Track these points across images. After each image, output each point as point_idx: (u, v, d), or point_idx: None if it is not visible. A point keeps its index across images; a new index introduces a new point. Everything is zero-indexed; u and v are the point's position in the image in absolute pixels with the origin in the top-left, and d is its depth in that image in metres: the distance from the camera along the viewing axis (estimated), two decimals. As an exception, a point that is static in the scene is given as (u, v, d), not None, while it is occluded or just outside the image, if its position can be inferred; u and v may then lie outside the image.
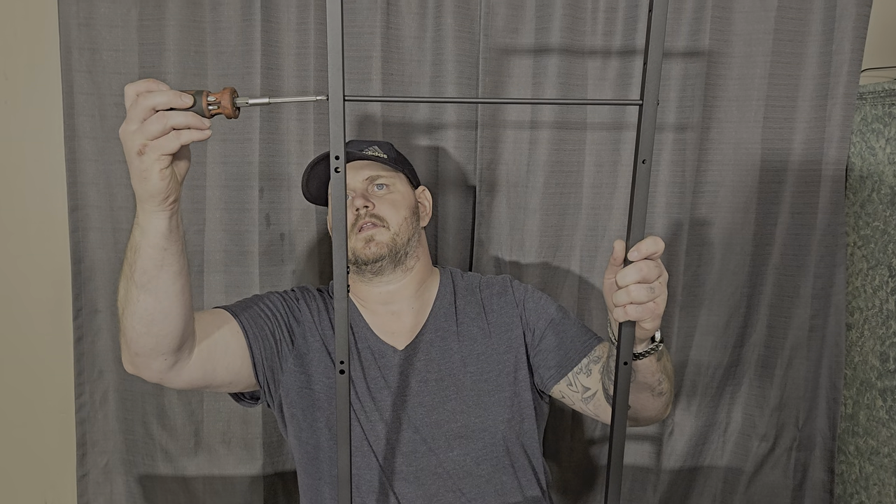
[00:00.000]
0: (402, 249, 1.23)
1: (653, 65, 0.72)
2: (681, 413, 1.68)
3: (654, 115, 0.73)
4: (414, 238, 1.26)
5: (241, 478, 1.60)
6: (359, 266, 1.23)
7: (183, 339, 1.01)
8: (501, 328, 1.25)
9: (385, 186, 1.26)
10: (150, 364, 1.01)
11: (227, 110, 0.82)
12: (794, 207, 1.60)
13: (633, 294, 0.82)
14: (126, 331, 0.98)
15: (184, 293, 0.97)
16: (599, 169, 1.58)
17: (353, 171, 1.26)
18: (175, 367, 1.03)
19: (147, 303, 0.94)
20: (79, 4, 1.46)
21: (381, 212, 1.22)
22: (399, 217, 1.23)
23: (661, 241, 0.82)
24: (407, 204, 1.27)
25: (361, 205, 1.21)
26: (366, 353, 1.22)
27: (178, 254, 0.93)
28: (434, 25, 1.51)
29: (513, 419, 1.20)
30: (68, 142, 1.50)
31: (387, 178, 1.27)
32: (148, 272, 0.92)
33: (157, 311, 0.95)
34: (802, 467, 1.68)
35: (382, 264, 1.22)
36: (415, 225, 1.27)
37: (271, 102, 0.81)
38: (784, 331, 1.64)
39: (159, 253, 0.91)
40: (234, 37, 1.48)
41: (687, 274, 1.61)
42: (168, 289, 0.94)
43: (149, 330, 0.97)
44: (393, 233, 1.22)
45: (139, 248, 0.91)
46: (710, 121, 1.57)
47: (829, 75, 1.56)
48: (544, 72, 1.52)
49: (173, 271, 0.94)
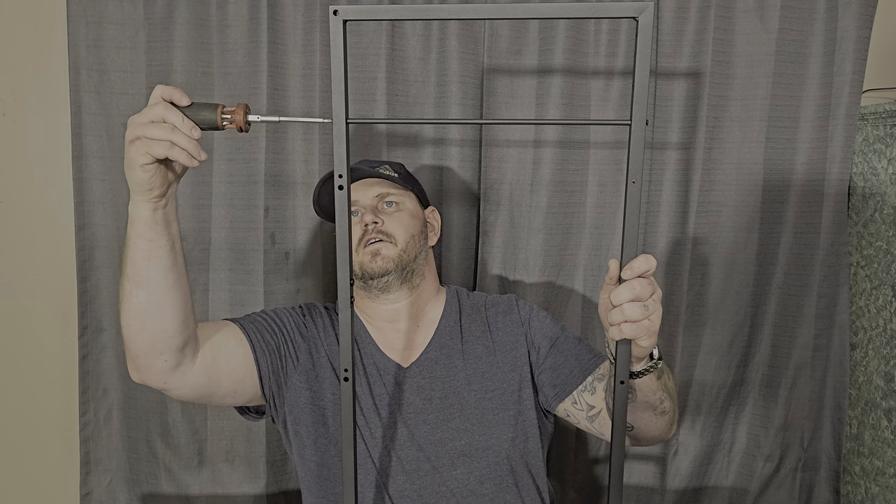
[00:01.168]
0: (408, 266, 1.24)
1: (640, 85, 0.74)
2: (685, 433, 1.67)
3: (643, 135, 0.75)
4: (421, 256, 1.27)
5: (244, 497, 1.60)
6: (365, 281, 1.23)
7: (183, 338, 1.02)
8: (506, 347, 1.25)
9: (394, 204, 1.27)
10: (153, 365, 1.02)
11: (240, 123, 0.87)
12: (796, 227, 1.61)
13: (628, 312, 0.84)
14: (124, 330, 1.00)
15: (177, 289, 0.99)
16: (602, 189, 1.59)
17: (363, 188, 1.28)
18: (178, 369, 1.04)
19: (139, 296, 0.97)
20: (88, 26, 1.48)
21: (389, 228, 1.24)
22: (407, 234, 1.24)
23: (654, 258, 0.84)
24: (415, 222, 1.28)
25: (370, 220, 1.23)
26: (371, 370, 1.22)
27: (167, 248, 0.96)
28: (438, 47, 1.53)
29: (517, 438, 1.20)
30: (76, 161, 1.51)
31: (396, 196, 1.28)
32: (137, 264, 0.95)
33: (149, 305, 0.97)
34: (808, 488, 1.67)
35: (389, 280, 1.22)
36: (422, 243, 1.28)
37: (281, 121, 0.87)
38: (788, 350, 1.64)
39: (146, 244, 0.94)
40: (240, 58, 1.50)
41: (690, 293, 1.61)
42: (160, 282, 0.97)
43: (144, 325, 0.98)
44: (400, 249, 1.23)
45: (129, 240, 0.96)
46: (712, 141, 1.58)
47: (830, 96, 1.57)
48: (547, 92, 1.54)
49: (163, 265, 0.96)
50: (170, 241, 0.96)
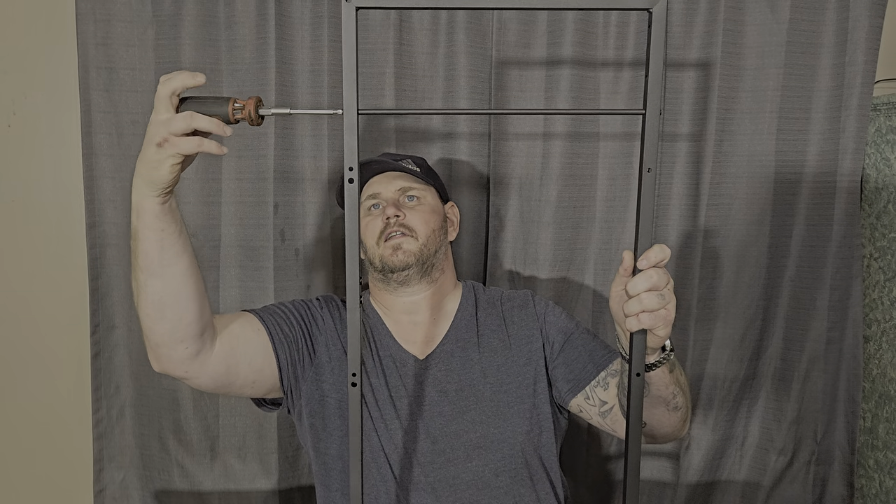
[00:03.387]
0: (428, 261, 1.25)
1: (654, 75, 0.75)
2: (697, 427, 1.66)
3: (656, 124, 0.75)
4: (441, 251, 1.28)
5: (257, 493, 1.60)
6: (385, 274, 1.24)
7: (201, 324, 1.03)
8: (522, 341, 1.25)
9: (416, 198, 1.28)
10: (173, 354, 1.04)
11: (252, 114, 0.88)
12: (809, 219, 1.59)
13: (646, 302, 0.83)
14: (143, 321, 1.01)
15: (190, 274, 1.00)
16: (612, 182, 1.58)
17: (386, 181, 1.29)
18: (198, 357, 1.06)
19: (155, 286, 0.98)
20: (96, 24, 1.48)
21: (410, 222, 1.24)
22: (427, 229, 1.25)
23: (668, 248, 0.84)
24: (436, 217, 1.29)
25: (392, 213, 1.24)
26: (388, 362, 1.23)
27: (177, 234, 0.97)
28: (446, 41, 1.52)
29: (531, 431, 1.20)
30: (86, 159, 1.51)
31: (418, 190, 1.29)
32: (150, 254, 0.96)
33: (166, 294, 0.99)
34: (821, 482, 1.67)
35: (409, 273, 1.23)
36: (442, 238, 1.29)
37: (292, 113, 0.87)
38: (801, 343, 1.63)
39: (157, 234, 0.95)
40: (248, 55, 1.50)
41: (702, 287, 1.61)
42: (173, 270, 0.98)
43: (162, 314, 1.00)
44: (421, 243, 1.24)
45: (138, 233, 0.96)
46: (723, 133, 1.57)
47: (842, 87, 1.55)
48: (556, 85, 1.53)
49: (175, 252, 0.97)
50: (177, 227, 0.98)
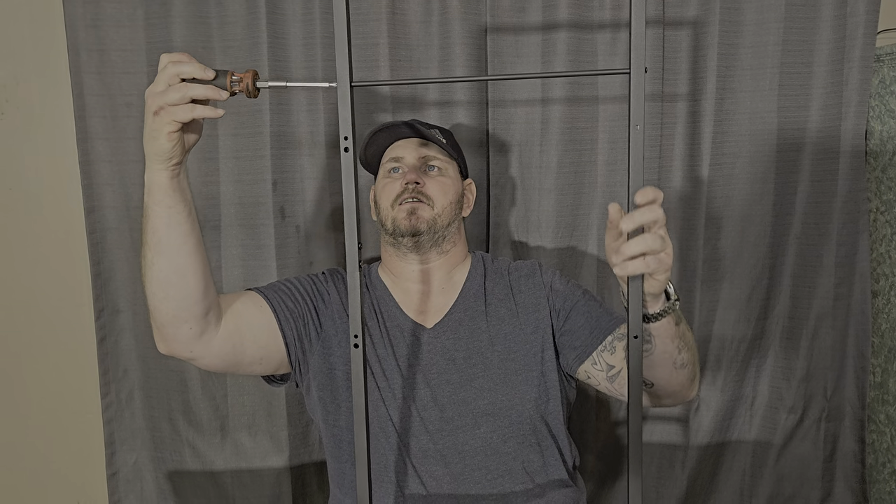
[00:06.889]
0: (440, 232, 1.26)
1: (637, 32, 0.76)
2: (706, 388, 1.66)
3: (642, 81, 0.77)
4: (454, 225, 1.29)
5: (269, 470, 1.61)
6: (396, 237, 1.25)
7: (205, 304, 1.05)
8: (529, 309, 1.25)
9: (437, 169, 1.29)
10: (178, 334, 1.05)
11: (249, 86, 0.90)
12: (813, 175, 1.58)
13: (649, 242, 0.83)
14: (149, 300, 1.04)
15: (196, 254, 1.02)
16: (613, 146, 1.56)
17: (411, 147, 1.30)
18: (203, 337, 1.07)
19: (161, 264, 1.01)
20: (85, 6, 1.46)
21: (429, 191, 1.25)
22: (445, 200, 1.26)
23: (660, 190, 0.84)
24: (454, 191, 1.30)
25: (413, 180, 1.24)
26: (395, 331, 1.24)
27: (186, 214, 1.00)
28: (440, 9, 1.50)
29: (539, 398, 1.21)
30: (81, 144, 1.50)
31: (441, 162, 1.30)
32: (158, 231, 0.99)
33: (171, 272, 1.01)
34: (832, 438, 1.66)
35: (420, 240, 1.24)
36: (457, 212, 1.30)
37: (288, 86, 0.91)
38: (808, 301, 1.62)
39: (165, 210, 0.98)
40: (240, 31, 1.48)
41: (707, 248, 1.59)
42: (180, 248, 1.00)
43: (167, 293, 1.02)
44: (436, 213, 1.25)
45: (148, 209, 0.99)
46: (724, 91, 1.55)
47: (844, 38, 1.53)
48: (553, 49, 1.51)
49: (182, 231, 1.00)
50: (186, 207, 1.00)
